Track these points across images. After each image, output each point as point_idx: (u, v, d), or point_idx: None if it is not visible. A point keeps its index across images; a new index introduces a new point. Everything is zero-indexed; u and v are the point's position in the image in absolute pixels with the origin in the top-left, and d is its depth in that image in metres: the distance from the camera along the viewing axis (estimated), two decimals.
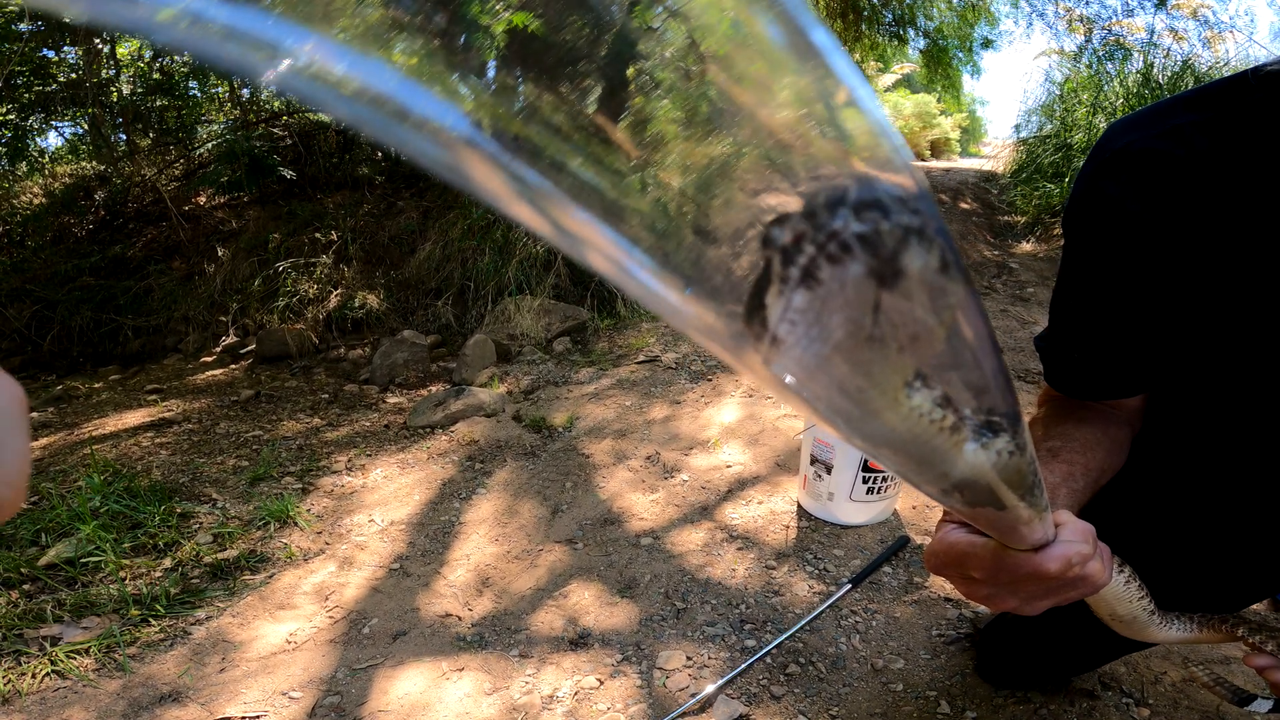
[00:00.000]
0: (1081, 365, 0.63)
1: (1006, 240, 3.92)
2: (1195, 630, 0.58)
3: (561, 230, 0.16)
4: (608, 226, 0.16)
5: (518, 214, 0.16)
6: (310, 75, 0.14)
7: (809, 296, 0.16)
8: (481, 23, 0.17)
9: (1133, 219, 0.55)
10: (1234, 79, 0.53)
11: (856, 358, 0.18)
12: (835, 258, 0.16)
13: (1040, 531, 0.38)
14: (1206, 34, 4.17)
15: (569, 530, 1.47)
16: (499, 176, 0.16)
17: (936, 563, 0.45)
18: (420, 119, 0.15)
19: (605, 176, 0.17)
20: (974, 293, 0.19)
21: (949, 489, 0.26)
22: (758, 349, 0.17)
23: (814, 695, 1.00)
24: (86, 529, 1.42)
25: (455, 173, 0.15)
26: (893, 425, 0.20)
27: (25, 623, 1.20)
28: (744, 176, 0.18)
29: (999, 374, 0.23)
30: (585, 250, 0.17)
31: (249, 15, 0.14)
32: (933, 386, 0.20)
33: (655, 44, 0.18)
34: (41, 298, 3.43)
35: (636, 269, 0.17)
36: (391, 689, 1.05)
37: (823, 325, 0.17)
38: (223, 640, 1.18)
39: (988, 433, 0.24)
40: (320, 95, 0.14)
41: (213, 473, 1.85)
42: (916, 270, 0.16)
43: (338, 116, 0.15)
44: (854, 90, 0.17)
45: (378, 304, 3.20)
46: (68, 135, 4.43)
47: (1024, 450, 0.25)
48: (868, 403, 0.19)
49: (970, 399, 0.22)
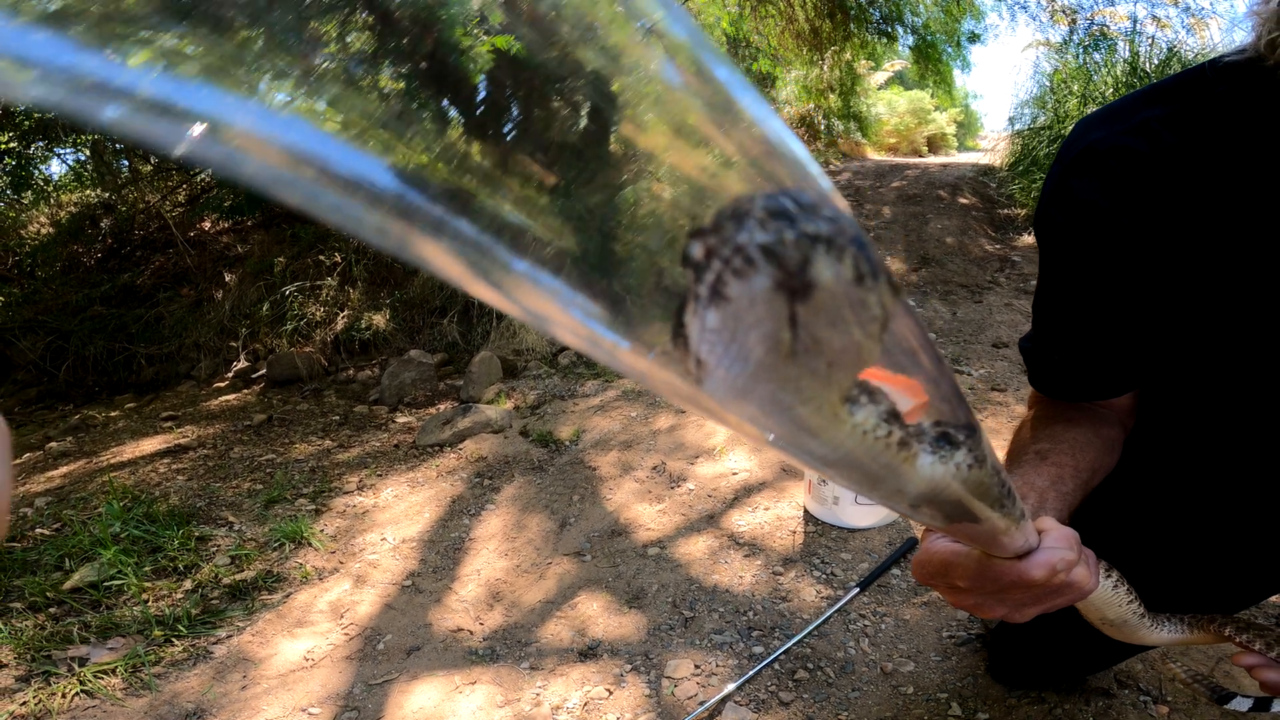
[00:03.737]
0: (1064, 367, 0.63)
1: (1008, 234, 3.91)
2: (1185, 631, 0.58)
3: (519, 304, 0.16)
4: (560, 284, 0.16)
5: (474, 290, 0.16)
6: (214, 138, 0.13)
7: (720, 314, 0.16)
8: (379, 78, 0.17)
9: (1104, 217, 0.55)
10: (1193, 71, 0.54)
11: (782, 376, 0.17)
12: (740, 271, 0.15)
13: (1021, 540, 0.37)
14: (1190, 20, 4.16)
15: (577, 543, 1.49)
16: (442, 248, 0.15)
17: (923, 573, 0.45)
18: (342, 178, 0.14)
19: (534, 215, 0.16)
20: (904, 302, 0.18)
21: (915, 504, 0.25)
22: (687, 374, 0.17)
23: (823, 700, 1.01)
24: (108, 553, 1.45)
25: (403, 247, 0.15)
26: (837, 443, 0.19)
27: (53, 644, 1.23)
28: (669, 212, 0.18)
29: (946, 384, 0.22)
30: (545, 324, 0.17)
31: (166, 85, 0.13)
32: (877, 401, 0.19)
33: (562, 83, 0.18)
34: (55, 328, 3.50)
35: (596, 329, 0.17)
36: (406, 703, 1.07)
37: (740, 344, 0.16)
38: (243, 658, 1.21)
39: (944, 445, 0.23)
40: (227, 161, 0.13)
41: (228, 496, 1.88)
42: (828, 281, 0.15)
43: (270, 190, 0.14)
44: (748, 107, 0.17)
45: (384, 324, 3.24)
46: (70, 162, 4.45)
47: (983, 462, 0.25)
48: (804, 421, 0.18)
49: (917, 411, 0.21)
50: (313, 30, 0.16)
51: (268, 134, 0.14)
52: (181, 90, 0.13)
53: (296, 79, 0.15)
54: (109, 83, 0.13)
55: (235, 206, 3.70)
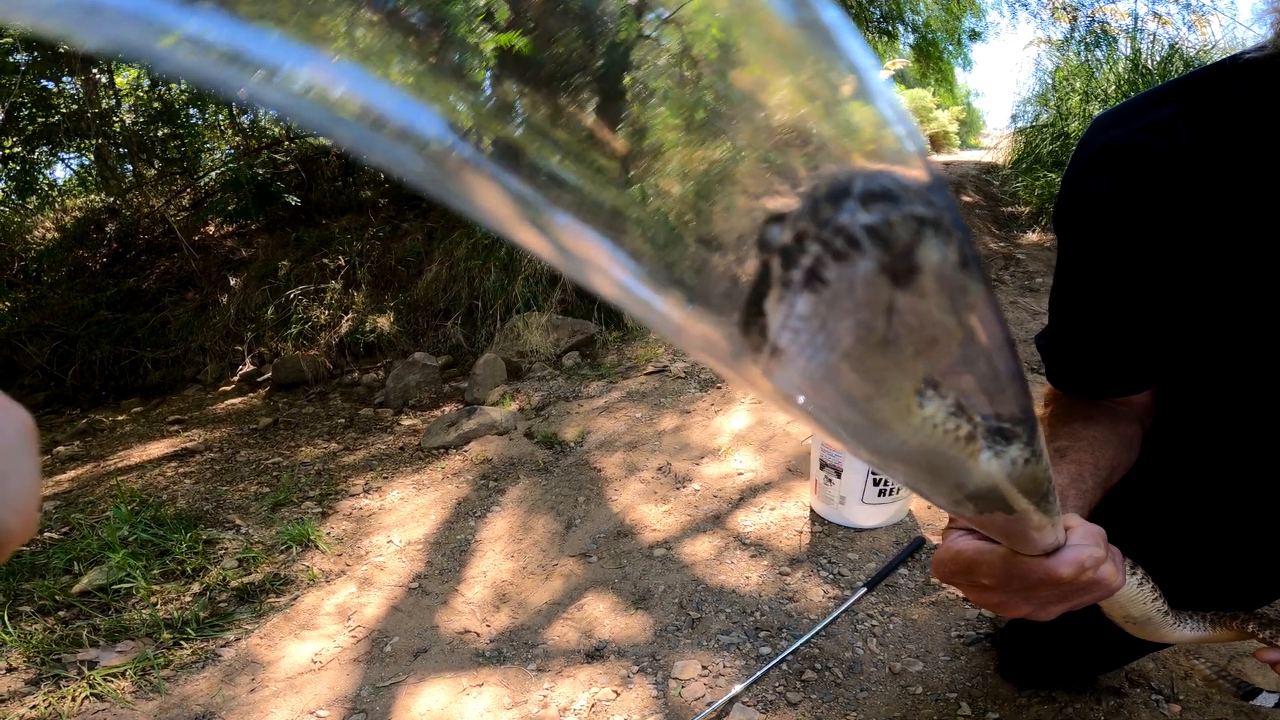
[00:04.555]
0: (1083, 364, 0.63)
1: (1012, 231, 3.90)
2: (1208, 629, 0.58)
3: (559, 247, 0.16)
4: (604, 239, 0.16)
5: (517, 235, 0.16)
6: (295, 90, 0.13)
7: (814, 300, 0.15)
8: (470, 41, 0.16)
9: (1121, 214, 0.55)
10: (1212, 68, 0.53)
11: (867, 365, 0.16)
12: (842, 254, 0.14)
13: (1051, 536, 0.37)
14: (1192, 17, 4.15)
15: (583, 544, 1.49)
16: (495, 193, 0.15)
17: (945, 571, 0.44)
18: (403, 129, 0.14)
19: (599, 185, 0.16)
20: (991, 290, 0.18)
21: (962, 499, 0.24)
22: (756, 361, 0.16)
23: (831, 701, 1.00)
24: (117, 557, 1.46)
25: (450, 191, 0.15)
26: (904, 437, 0.19)
27: (63, 647, 1.24)
28: (743, 179, 0.17)
29: (1015, 377, 0.21)
30: (584, 268, 0.16)
31: (249, 36, 0.13)
32: (945, 394, 0.19)
33: (648, 51, 0.17)
34: (61, 333, 3.53)
35: (635, 284, 0.16)
36: (414, 705, 1.07)
37: (830, 331, 0.15)
38: (251, 661, 1.21)
39: (1001, 440, 0.22)
40: (307, 112, 0.14)
41: (235, 500, 1.89)
42: (934, 265, 0.15)
43: (326, 133, 0.14)
44: (861, 77, 0.15)
45: (388, 327, 3.25)
46: (74, 167, 4.46)
47: (1039, 457, 0.24)
48: (877, 414, 0.18)
49: (985, 405, 0.21)
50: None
51: (333, 80, 0.14)
52: (244, 36, 0.13)
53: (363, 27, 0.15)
54: (175, 27, 0.13)
55: (239, 210, 3.72)
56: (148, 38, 0.13)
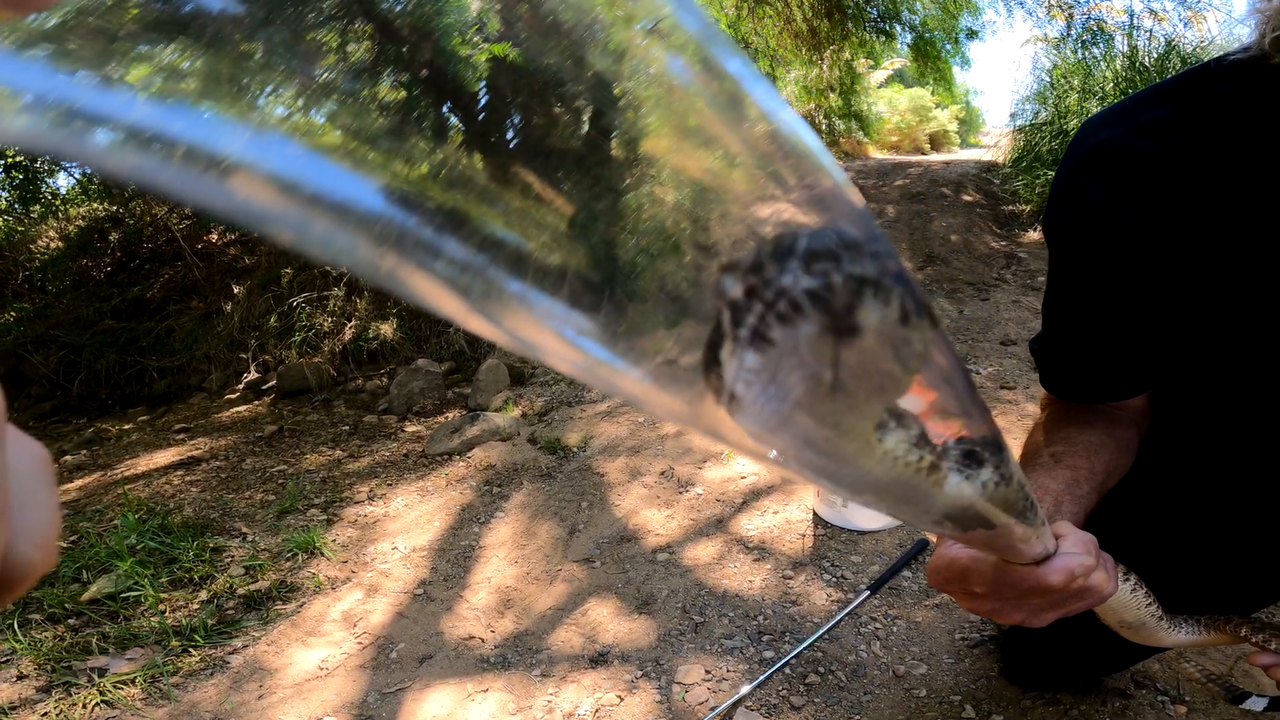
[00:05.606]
0: (1076, 369, 0.63)
1: (1013, 230, 3.90)
2: (1202, 633, 0.58)
3: (518, 339, 0.16)
4: (552, 303, 0.16)
5: (469, 323, 0.16)
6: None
7: (761, 357, 0.15)
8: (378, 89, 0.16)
9: (1112, 218, 0.55)
10: (1198, 70, 0.54)
11: (819, 411, 0.17)
12: (785, 317, 0.15)
13: (1040, 546, 0.37)
14: (1187, 14, 4.15)
15: (586, 549, 1.49)
16: (425, 269, 0.14)
17: (939, 578, 0.45)
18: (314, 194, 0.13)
19: (541, 240, 0.16)
20: (942, 333, 0.18)
21: (940, 519, 0.25)
22: (718, 404, 0.17)
23: (835, 704, 1.01)
24: (125, 565, 1.47)
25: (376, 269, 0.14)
26: (868, 470, 0.19)
27: (73, 655, 1.25)
28: (686, 229, 0.17)
29: (973, 402, 0.22)
30: (541, 355, 0.16)
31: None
32: (906, 426, 0.19)
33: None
34: (67, 343, 3.55)
35: (591, 346, 0.16)
36: (420, 711, 1.08)
37: (780, 383, 0.16)
38: (259, 668, 1.22)
39: (971, 465, 0.23)
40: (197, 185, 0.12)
41: (241, 508, 1.90)
42: (874, 325, 0.15)
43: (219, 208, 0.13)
44: (775, 115, 0.16)
45: (391, 334, 3.27)
46: (77, 176, 4.45)
47: (1010, 479, 0.25)
48: (839, 453, 0.18)
49: (949, 432, 0.21)
50: (307, 44, 0.15)
51: (256, 160, 0.13)
52: (170, 115, 0.13)
53: (289, 96, 0.14)
54: (97, 110, 0.12)
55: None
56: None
